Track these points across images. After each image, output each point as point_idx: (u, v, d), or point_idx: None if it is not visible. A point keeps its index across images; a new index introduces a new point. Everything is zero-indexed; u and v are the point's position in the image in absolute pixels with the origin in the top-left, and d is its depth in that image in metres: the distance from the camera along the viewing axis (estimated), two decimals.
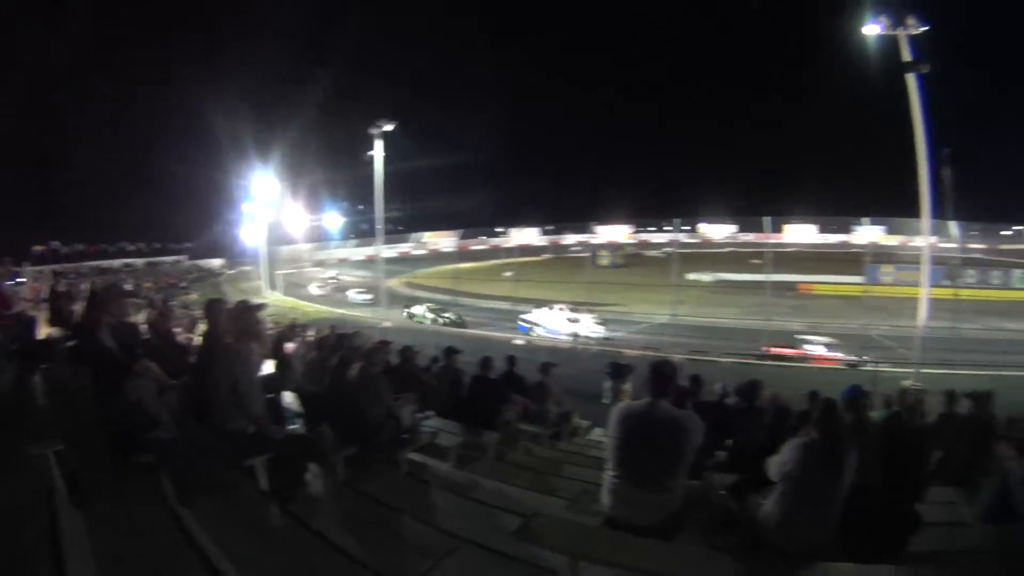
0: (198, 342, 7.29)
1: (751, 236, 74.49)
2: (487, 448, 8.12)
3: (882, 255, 51.95)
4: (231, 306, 5.99)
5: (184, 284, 66.63)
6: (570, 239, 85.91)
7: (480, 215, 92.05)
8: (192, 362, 6.54)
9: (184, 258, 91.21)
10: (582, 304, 35.91)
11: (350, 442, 6.35)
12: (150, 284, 56.86)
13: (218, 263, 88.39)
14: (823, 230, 76.54)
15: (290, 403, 7.44)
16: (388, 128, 40.34)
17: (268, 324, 10.53)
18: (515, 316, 37.44)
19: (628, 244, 77.88)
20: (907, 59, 23.63)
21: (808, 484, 4.32)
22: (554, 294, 38.65)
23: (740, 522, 4.71)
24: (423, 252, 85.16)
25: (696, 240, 79.30)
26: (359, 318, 39.89)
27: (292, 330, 12.58)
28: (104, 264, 75.29)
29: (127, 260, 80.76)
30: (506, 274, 49.89)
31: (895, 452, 6.01)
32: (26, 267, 50.19)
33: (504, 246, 75.81)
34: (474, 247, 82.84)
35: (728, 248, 73.52)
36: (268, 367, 8.30)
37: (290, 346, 10.37)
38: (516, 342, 31.62)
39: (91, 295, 8.18)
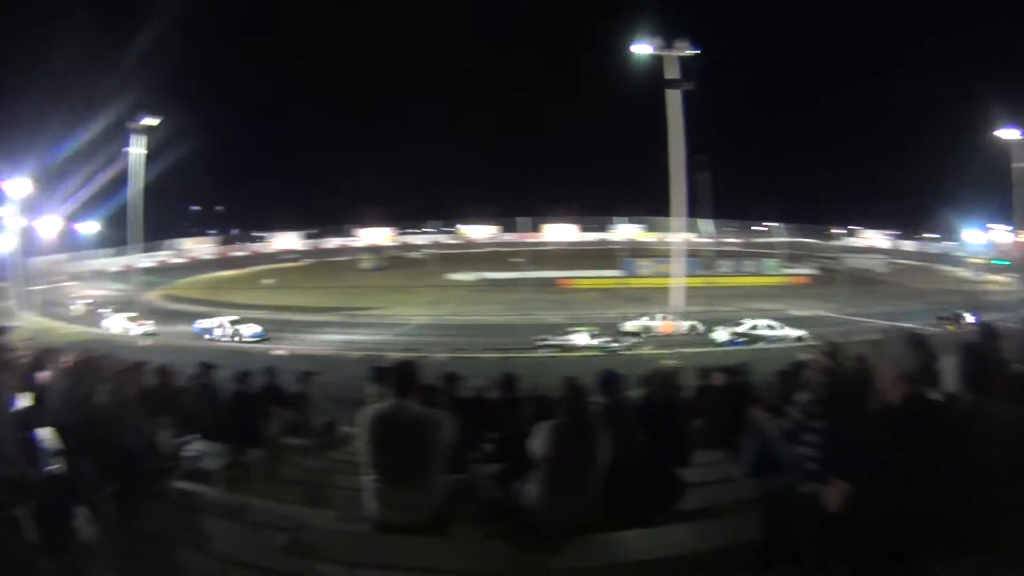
0: None
1: (512, 236, 76.78)
2: (254, 466, 7.75)
3: (640, 250, 56.09)
4: None
5: None
6: (332, 243, 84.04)
7: (243, 219, 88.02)
8: None
9: None
10: (342, 309, 35.45)
11: (113, 477, 5.67)
12: None
13: None
14: (583, 229, 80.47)
15: (47, 439, 6.52)
16: (151, 123, 36.97)
17: (19, 350, 9.23)
18: (280, 326, 36.14)
19: (389, 247, 77.73)
20: (672, 77, 25.82)
21: (563, 464, 4.54)
22: (315, 300, 37.75)
23: (507, 508, 4.87)
24: (182, 260, 78.07)
25: (457, 241, 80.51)
26: (116, 338, 36.86)
27: (46, 356, 11.16)
28: None
29: None
30: (266, 282, 47.93)
31: (652, 426, 6.44)
32: None
33: (265, 252, 72.93)
34: (235, 253, 78.85)
35: (489, 248, 75.04)
36: (21, 400, 7.23)
37: (45, 375, 9.12)
38: (276, 352, 30.62)
39: None
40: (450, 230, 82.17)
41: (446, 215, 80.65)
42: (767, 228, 64.78)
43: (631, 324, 30.72)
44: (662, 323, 30.29)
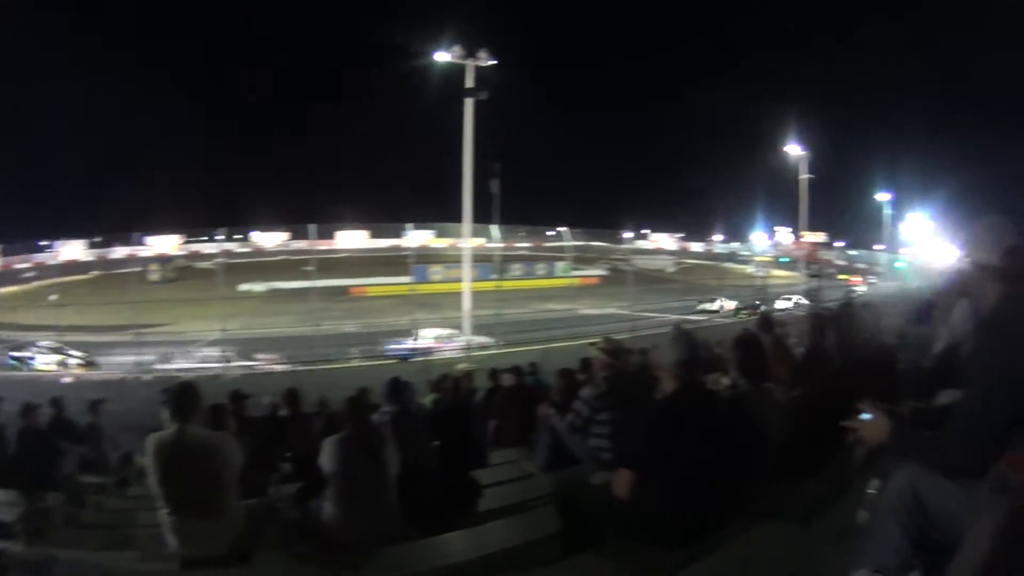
0: None
1: (303, 243, 74.80)
2: (53, 513, 6.95)
3: (431, 256, 56.55)
4: None
5: None
6: (119, 252, 77.39)
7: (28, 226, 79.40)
8: None
9: None
10: (132, 327, 32.82)
11: None
12: None
13: None
14: (374, 235, 79.66)
15: None
16: None
17: None
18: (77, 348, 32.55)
19: (178, 256, 73.23)
20: (470, 86, 26.17)
21: (353, 478, 4.53)
22: (103, 317, 34.75)
23: (308, 528, 4.80)
24: None
25: (248, 249, 77.31)
26: None
27: None
28: None
29: None
30: (52, 298, 43.55)
31: (444, 431, 6.50)
32: None
33: (49, 263, 66.10)
34: (18, 265, 70.70)
35: (281, 256, 72.67)
36: None
37: None
38: (64, 380, 27.56)
39: None
40: (240, 237, 78.88)
41: (236, 221, 77.44)
42: (557, 232, 67.34)
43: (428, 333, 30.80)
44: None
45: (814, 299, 34.94)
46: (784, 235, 69.28)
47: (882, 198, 59.39)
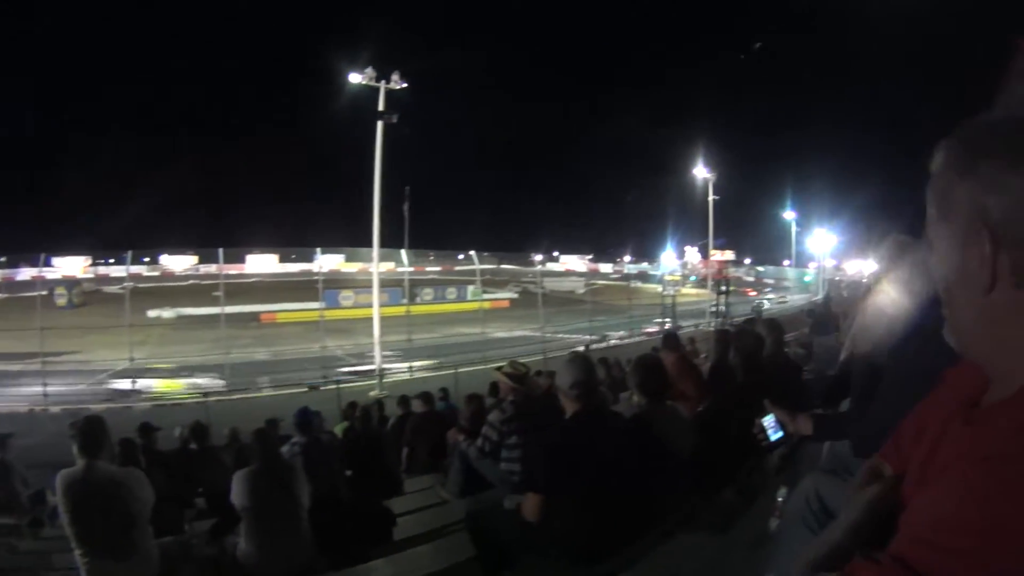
0: None
1: (212, 267, 73.18)
2: None
3: (341, 281, 55.91)
4: None
5: None
6: (25, 273, 73.18)
7: None
8: None
9: None
10: (38, 355, 31.21)
11: None
12: None
13: None
14: (283, 260, 78.58)
15: None
16: None
17: None
18: None
19: (86, 279, 70.36)
20: (381, 109, 26.13)
21: (265, 512, 4.46)
22: (5, 345, 32.96)
23: (224, 565, 4.70)
24: None
25: (156, 273, 75.04)
26: None
27: None
28: None
29: None
30: None
31: (356, 460, 6.40)
32: None
33: None
34: None
35: (190, 280, 70.89)
36: None
37: None
38: None
39: None
40: (148, 260, 76.42)
41: (144, 243, 75.26)
42: (466, 256, 67.66)
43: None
44: None
45: (723, 315, 36.06)
46: (693, 254, 71.74)
47: (788, 216, 62.35)
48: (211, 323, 39.45)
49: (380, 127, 26.47)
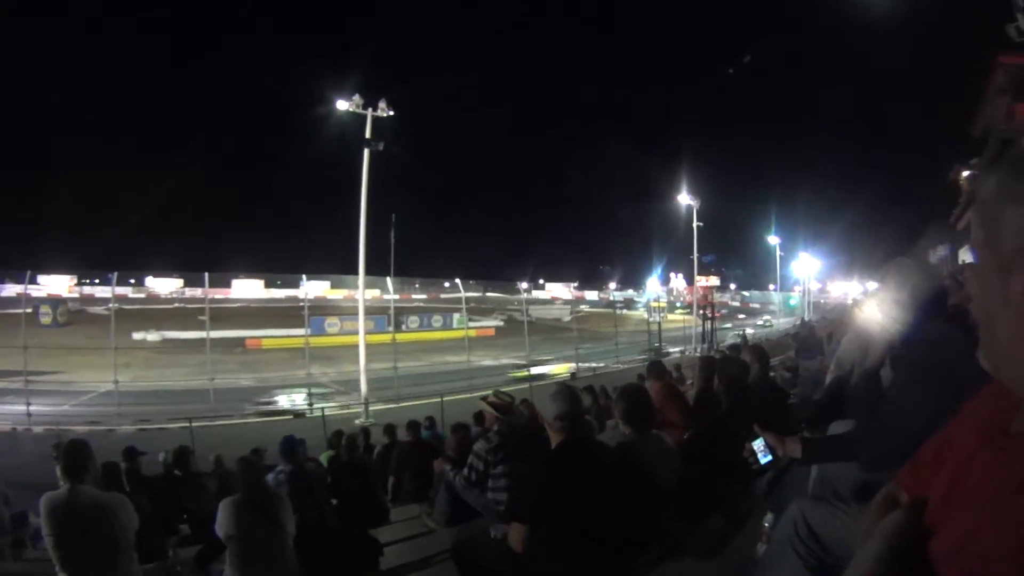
0: None
1: (198, 291, 72.97)
2: None
3: (326, 308, 55.85)
4: None
5: None
6: (10, 290, 72.30)
7: None
8: None
9: None
10: (20, 373, 30.77)
11: None
12: None
13: None
14: (269, 285, 78.36)
15: None
16: None
17: None
18: None
19: (71, 299, 69.77)
20: (367, 136, 26.27)
21: (250, 540, 4.42)
22: None
23: None
24: None
25: (142, 295, 74.67)
26: None
27: None
28: None
29: None
30: None
31: (341, 488, 6.36)
32: None
33: None
34: None
35: (176, 304, 70.60)
36: None
37: None
38: None
39: None
40: (134, 282, 76.10)
41: (130, 265, 75.07)
42: (452, 284, 68.01)
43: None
44: None
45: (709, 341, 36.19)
46: (678, 281, 72.18)
47: (773, 240, 62.82)
48: (196, 347, 39.21)
49: (367, 155, 26.54)
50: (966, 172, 29.00)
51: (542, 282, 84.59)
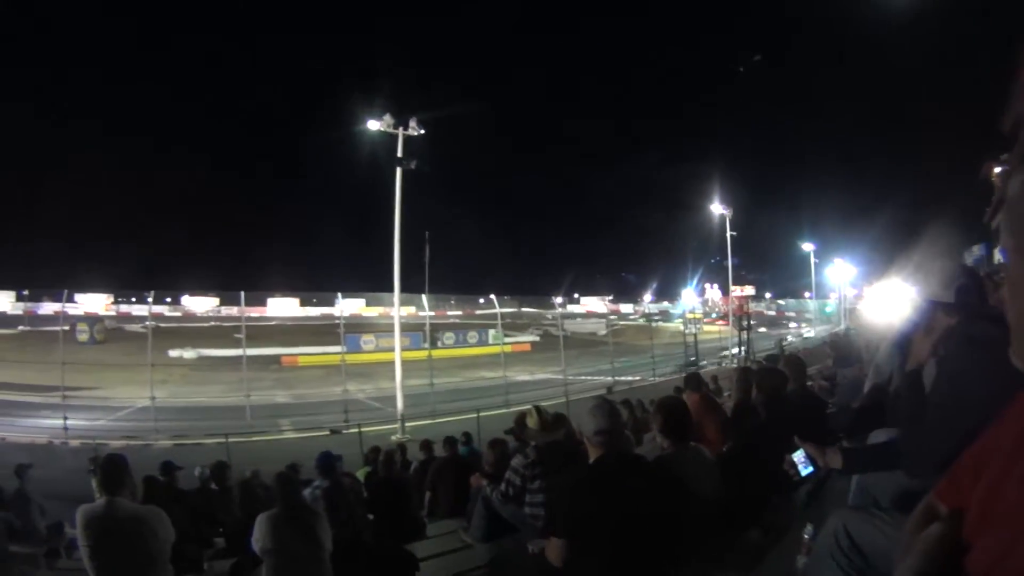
0: None
1: (234, 310, 73.67)
2: None
3: (362, 325, 56.18)
4: None
5: None
6: (48, 308, 73.88)
7: None
8: None
9: None
10: (58, 388, 31.29)
11: None
12: None
13: None
14: (304, 303, 78.96)
15: None
16: None
17: None
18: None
19: (107, 316, 70.92)
20: (399, 155, 26.60)
21: (287, 555, 4.48)
22: (28, 376, 33.14)
23: None
24: None
25: (178, 313, 75.68)
26: None
27: None
28: None
29: None
30: None
31: (378, 503, 6.37)
32: None
33: None
34: None
35: (212, 322, 71.43)
36: None
37: None
38: None
39: None
40: (170, 301, 77.20)
41: (166, 284, 76.26)
42: (487, 300, 68.23)
43: None
44: None
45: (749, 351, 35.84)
46: (713, 292, 71.70)
47: (807, 247, 62.17)
48: (232, 364, 39.61)
49: (399, 173, 26.77)
50: (998, 168, 28.51)
51: (577, 296, 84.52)
